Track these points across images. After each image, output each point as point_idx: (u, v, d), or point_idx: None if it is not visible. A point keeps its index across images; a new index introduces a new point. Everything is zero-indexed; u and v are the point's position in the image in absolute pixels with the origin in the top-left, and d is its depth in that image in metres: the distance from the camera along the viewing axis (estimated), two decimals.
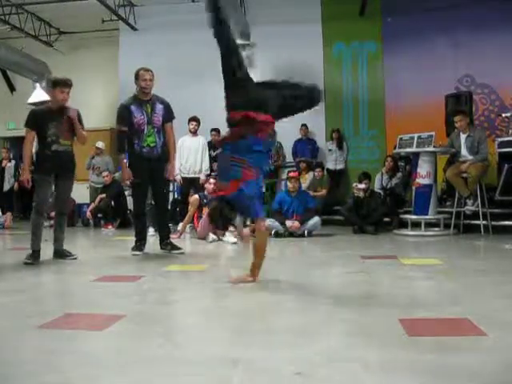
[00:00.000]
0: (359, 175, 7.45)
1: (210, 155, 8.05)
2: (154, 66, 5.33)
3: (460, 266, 4.08)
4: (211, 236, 6.30)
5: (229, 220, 3.50)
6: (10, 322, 2.47)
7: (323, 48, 9.88)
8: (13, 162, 10.19)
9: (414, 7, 9.01)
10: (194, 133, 7.75)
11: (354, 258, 4.61)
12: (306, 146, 9.50)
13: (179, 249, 5.09)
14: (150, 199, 5.58)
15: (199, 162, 7.69)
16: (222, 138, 3.53)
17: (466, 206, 6.60)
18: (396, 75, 9.41)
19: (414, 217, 6.83)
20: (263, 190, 3.74)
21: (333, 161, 9.49)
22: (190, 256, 5.12)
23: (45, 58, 11.05)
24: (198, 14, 11.02)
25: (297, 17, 9.53)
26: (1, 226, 8.93)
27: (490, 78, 8.92)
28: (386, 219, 7.48)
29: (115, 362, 1.88)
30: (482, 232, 6.43)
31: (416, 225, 6.81)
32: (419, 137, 6.84)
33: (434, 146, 6.72)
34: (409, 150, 6.99)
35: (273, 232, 6.65)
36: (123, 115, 4.96)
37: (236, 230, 5.87)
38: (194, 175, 7.68)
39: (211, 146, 8.43)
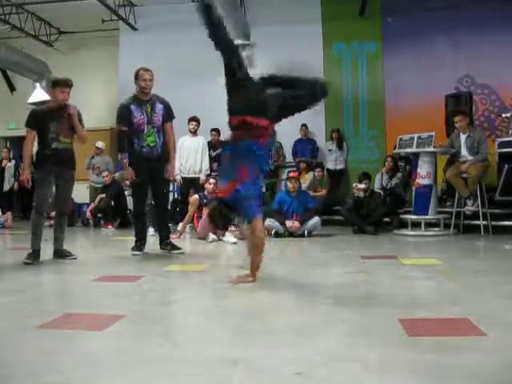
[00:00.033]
0: (359, 175, 7.45)
1: (209, 155, 8.07)
2: (154, 65, 5.34)
3: (460, 266, 4.08)
4: (211, 236, 6.30)
5: (229, 220, 3.50)
6: (10, 322, 2.47)
7: (323, 48, 9.87)
8: (13, 162, 10.20)
9: (414, 7, 9.01)
10: (194, 133, 7.75)
11: (353, 258, 4.61)
12: (306, 146, 9.49)
13: (179, 249, 5.09)
14: (150, 199, 5.58)
15: (199, 162, 7.69)
16: (223, 140, 3.53)
17: (466, 207, 6.60)
18: (396, 75, 9.41)
19: (413, 217, 6.83)
20: (263, 189, 3.74)
21: (333, 161, 9.49)
22: (189, 256, 5.12)
23: (45, 57, 11.05)
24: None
25: (297, 17, 9.53)
26: (1, 226, 8.94)
27: (489, 78, 8.92)
28: (386, 219, 7.48)
29: (115, 362, 1.88)
30: (481, 232, 6.42)
31: (416, 225, 6.81)
32: (419, 137, 6.83)
33: (434, 147, 6.72)
34: (409, 150, 6.99)
35: (273, 232, 6.66)
36: (123, 115, 4.96)
37: (237, 230, 5.88)
38: (194, 175, 7.68)
39: (211, 145, 8.45)
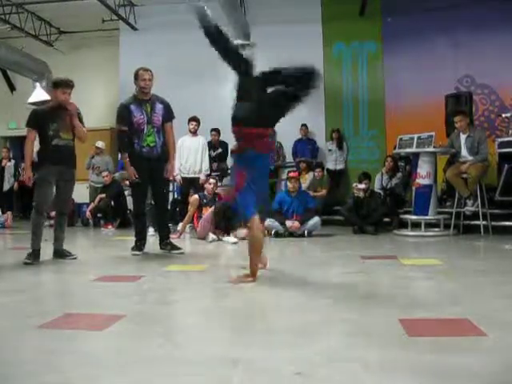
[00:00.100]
0: (359, 175, 7.44)
1: (209, 155, 8.08)
2: (154, 65, 5.34)
3: (460, 267, 4.08)
4: (211, 236, 6.29)
5: (232, 223, 3.55)
6: (10, 322, 2.47)
7: (323, 48, 9.87)
8: (13, 162, 10.19)
9: (414, 7, 9.01)
10: (194, 133, 7.74)
11: (353, 258, 4.61)
12: (306, 146, 9.49)
13: (179, 249, 5.09)
14: (150, 199, 5.58)
15: (199, 162, 7.68)
16: (231, 150, 3.64)
17: (466, 207, 6.60)
18: (396, 75, 9.41)
19: (413, 217, 6.82)
20: (267, 189, 3.82)
21: (333, 161, 9.49)
22: (189, 256, 5.12)
23: (45, 57, 11.05)
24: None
25: (297, 17, 9.53)
26: (1, 226, 8.94)
27: (489, 78, 8.93)
28: (386, 219, 7.48)
29: (115, 362, 1.88)
30: (481, 232, 6.42)
31: (416, 225, 6.80)
32: (419, 137, 6.83)
33: (434, 147, 6.71)
34: (409, 150, 6.98)
35: (273, 232, 6.65)
36: (123, 115, 4.96)
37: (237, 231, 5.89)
38: (194, 175, 7.67)
39: (211, 145, 8.45)
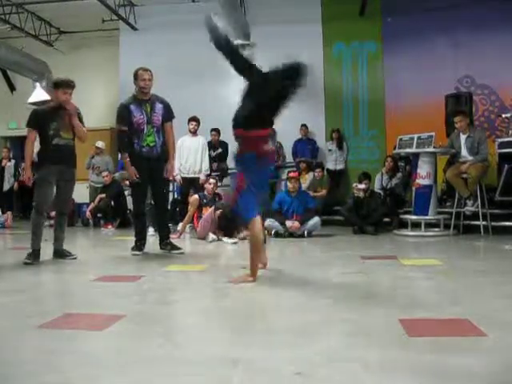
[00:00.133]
0: (359, 175, 7.44)
1: (209, 155, 8.08)
2: (154, 65, 5.34)
3: (460, 267, 4.08)
4: (211, 236, 6.30)
5: (235, 226, 3.56)
6: (10, 322, 2.47)
7: (323, 48, 9.88)
8: (13, 162, 10.19)
9: (414, 7, 9.02)
10: (194, 133, 7.74)
11: (353, 258, 4.60)
12: (306, 146, 9.50)
13: (179, 249, 5.09)
14: (150, 199, 5.58)
15: (199, 162, 7.68)
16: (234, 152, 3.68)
17: (466, 207, 6.60)
18: (396, 75, 9.42)
19: (413, 217, 6.82)
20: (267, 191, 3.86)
21: (333, 161, 9.49)
22: (189, 256, 5.12)
23: (45, 57, 11.05)
24: (197, 13, 11.03)
25: (297, 17, 9.54)
26: (1, 226, 8.94)
27: (489, 78, 8.93)
28: (386, 219, 7.48)
29: (115, 362, 1.88)
30: (481, 233, 6.42)
31: (416, 225, 6.80)
32: (419, 137, 6.83)
33: (434, 147, 6.71)
34: (409, 150, 6.98)
35: (273, 232, 6.66)
36: (123, 115, 4.96)
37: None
38: (194, 175, 7.67)
39: (211, 145, 8.45)
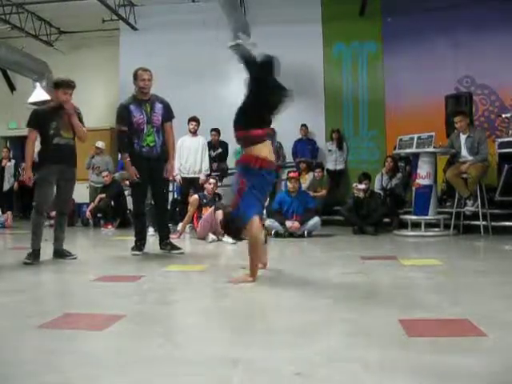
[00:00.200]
0: (359, 175, 7.45)
1: (209, 155, 8.08)
2: (154, 65, 5.34)
3: (460, 267, 4.08)
4: (211, 236, 6.30)
5: (239, 229, 3.55)
6: (10, 322, 2.47)
7: (323, 48, 9.89)
8: (13, 162, 10.20)
9: (414, 7, 9.02)
10: (194, 133, 7.74)
11: (353, 258, 4.60)
12: (306, 147, 9.50)
13: (179, 249, 5.09)
14: (150, 199, 5.58)
15: (199, 162, 7.69)
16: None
17: (466, 207, 6.60)
18: (396, 75, 9.42)
19: (413, 217, 6.82)
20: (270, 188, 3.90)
21: (333, 161, 9.49)
22: (189, 256, 5.12)
23: (45, 57, 11.06)
24: (197, 13, 11.09)
25: (297, 17, 9.54)
26: (1, 226, 8.94)
27: (489, 78, 8.93)
28: (385, 220, 7.48)
29: (115, 362, 1.88)
30: (481, 233, 6.42)
31: (416, 225, 6.81)
32: (419, 137, 6.83)
33: (434, 147, 6.72)
34: (409, 150, 6.98)
35: (273, 232, 6.66)
36: (123, 115, 4.96)
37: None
38: (194, 175, 7.67)
39: (211, 146, 8.46)
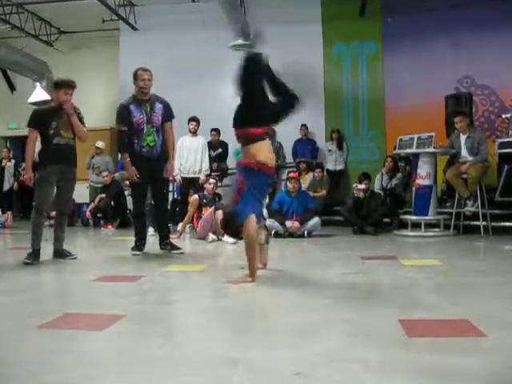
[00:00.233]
0: (359, 176, 7.45)
1: (209, 155, 8.07)
2: (154, 65, 5.34)
3: (460, 267, 4.08)
4: (211, 236, 6.30)
5: (236, 226, 3.55)
6: (10, 322, 2.47)
7: (323, 48, 9.88)
8: (13, 162, 10.20)
9: (414, 7, 9.01)
10: (194, 133, 7.74)
11: (353, 258, 4.60)
12: (306, 147, 9.50)
13: (179, 249, 5.09)
14: (150, 199, 5.58)
15: (199, 162, 7.68)
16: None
17: (466, 207, 6.59)
18: (396, 75, 9.41)
19: (413, 217, 6.82)
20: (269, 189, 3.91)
21: (333, 161, 9.49)
22: (189, 256, 5.12)
23: (45, 57, 11.05)
24: (197, 13, 11.09)
25: (297, 17, 9.54)
26: (1, 226, 8.94)
27: (489, 79, 8.93)
28: (385, 220, 7.48)
29: (115, 362, 1.88)
30: (481, 233, 6.42)
31: (416, 225, 6.80)
32: (419, 137, 6.82)
33: (434, 147, 6.71)
34: (409, 150, 6.97)
35: (273, 232, 6.66)
36: (122, 115, 4.96)
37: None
38: (194, 175, 7.67)
39: (211, 146, 8.46)
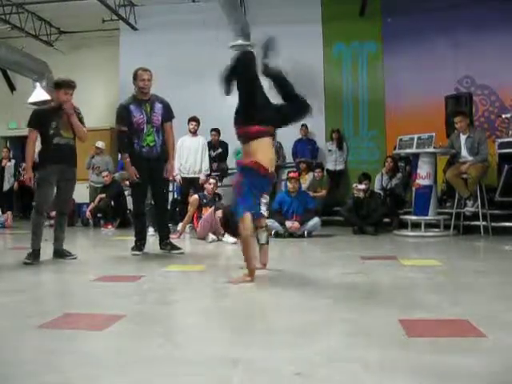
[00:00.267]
0: (359, 176, 7.44)
1: (209, 155, 8.08)
2: (154, 65, 5.34)
3: (460, 267, 4.08)
4: (211, 236, 6.30)
5: (235, 225, 3.55)
6: (10, 322, 2.47)
7: (323, 48, 9.88)
8: (13, 162, 10.20)
9: (414, 7, 9.01)
10: (194, 133, 7.74)
11: (353, 258, 4.61)
12: (306, 147, 9.49)
13: (179, 249, 5.09)
14: (150, 199, 5.58)
15: (199, 162, 7.69)
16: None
17: (466, 207, 6.59)
18: (396, 75, 9.41)
19: (413, 217, 6.82)
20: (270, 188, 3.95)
21: (333, 161, 9.49)
22: (189, 256, 5.12)
23: (45, 57, 11.05)
24: (198, 13, 11.09)
25: (297, 17, 9.53)
26: (1, 226, 8.94)
27: (489, 79, 8.93)
28: (385, 220, 7.48)
29: (115, 362, 1.88)
30: (481, 233, 6.42)
31: (416, 225, 6.81)
32: (419, 138, 6.82)
33: (434, 147, 6.71)
34: (409, 150, 6.97)
35: (273, 232, 6.65)
36: (122, 115, 4.96)
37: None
38: (194, 175, 7.67)
39: (211, 146, 8.46)
